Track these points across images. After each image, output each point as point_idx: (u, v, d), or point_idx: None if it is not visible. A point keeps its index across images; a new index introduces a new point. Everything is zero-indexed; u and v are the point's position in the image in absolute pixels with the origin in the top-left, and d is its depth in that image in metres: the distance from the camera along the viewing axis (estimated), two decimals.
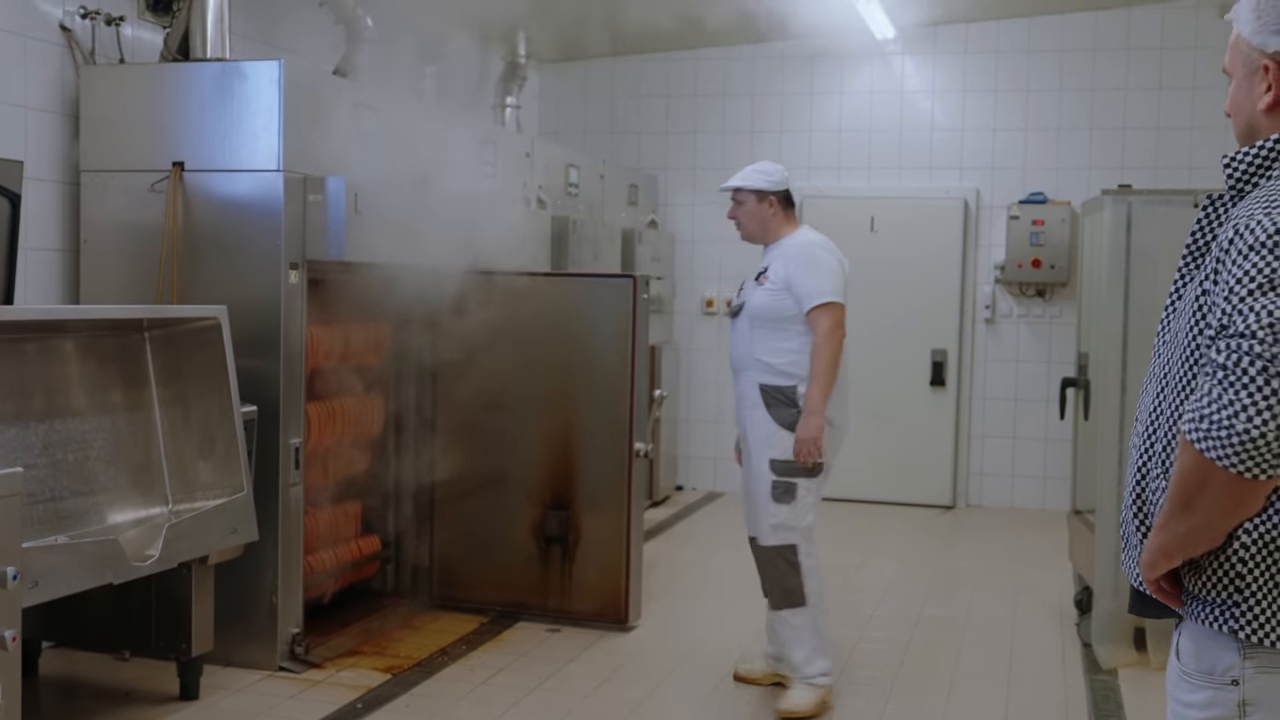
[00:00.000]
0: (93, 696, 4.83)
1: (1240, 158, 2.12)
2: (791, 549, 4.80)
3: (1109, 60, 8.98)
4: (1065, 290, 9.00)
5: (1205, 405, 1.91)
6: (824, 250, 4.87)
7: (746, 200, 5.01)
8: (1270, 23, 2.09)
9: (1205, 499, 1.96)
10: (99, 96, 5.28)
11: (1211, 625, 2.06)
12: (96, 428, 4.51)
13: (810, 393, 4.72)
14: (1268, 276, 1.90)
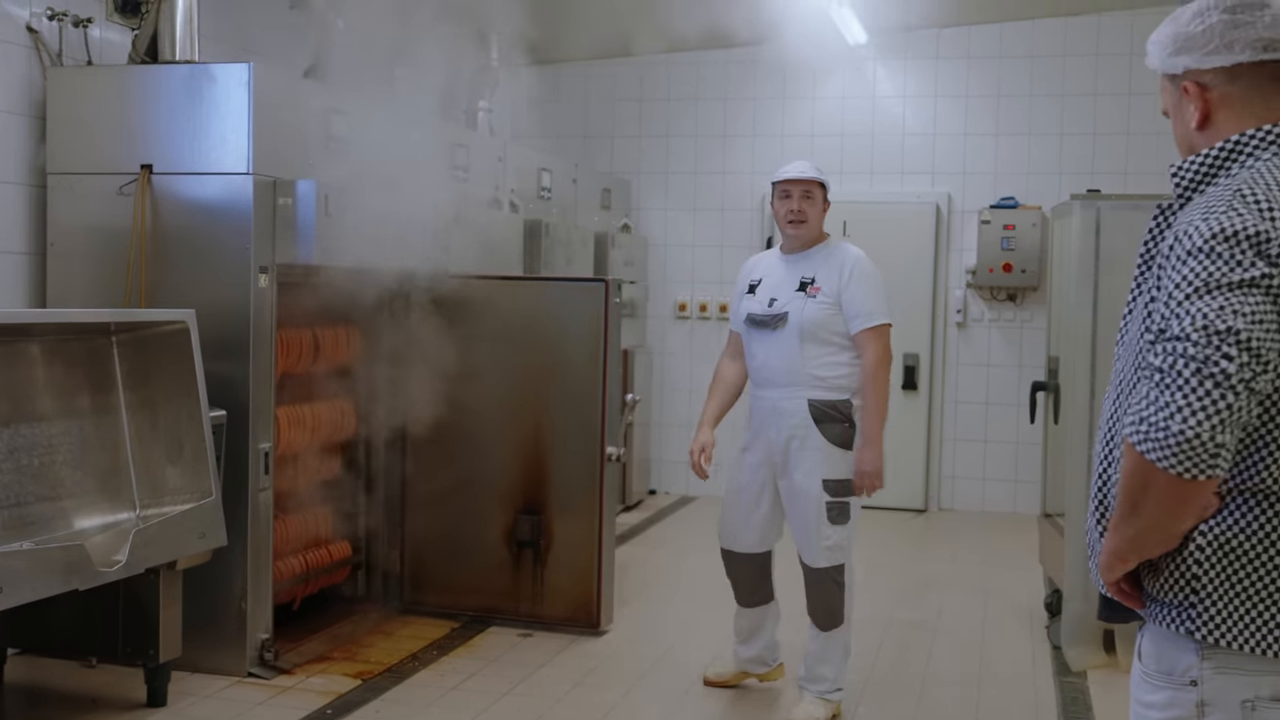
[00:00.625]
0: (59, 704, 4.78)
1: (1186, 166, 2.19)
2: (840, 569, 4.71)
3: (1079, 66, 9.04)
4: (1036, 294, 9.05)
5: (1144, 408, 1.94)
6: (872, 266, 4.73)
7: (817, 195, 4.84)
8: (1169, 46, 2.20)
9: (1150, 501, 1.99)
10: (66, 98, 5.24)
11: (1170, 626, 2.09)
12: (63, 432, 4.47)
13: (868, 423, 4.60)
14: (1204, 280, 1.94)
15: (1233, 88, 2.15)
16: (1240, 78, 2.15)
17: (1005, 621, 6.31)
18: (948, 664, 5.63)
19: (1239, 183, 2.05)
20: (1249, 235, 1.95)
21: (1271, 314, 1.92)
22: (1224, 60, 2.14)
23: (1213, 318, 1.91)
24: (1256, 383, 1.91)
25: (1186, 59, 2.18)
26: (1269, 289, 1.93)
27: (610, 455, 5.81)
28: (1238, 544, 2.03)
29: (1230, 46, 2.13)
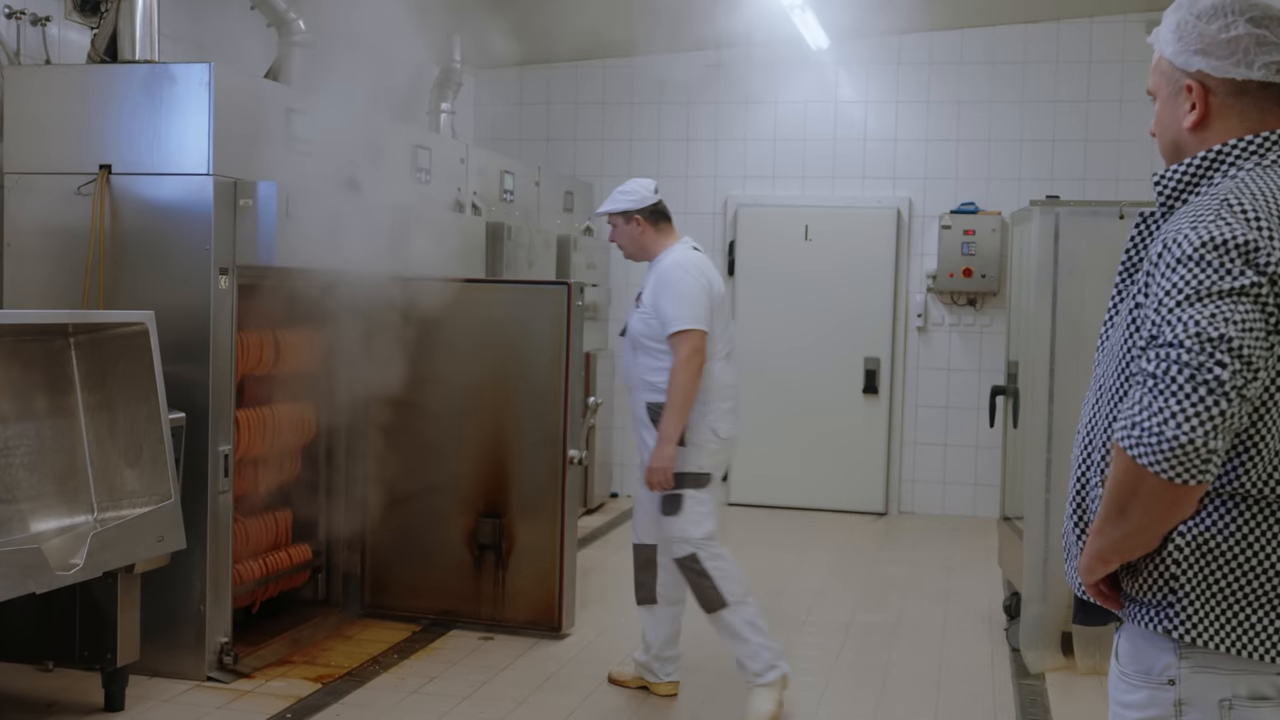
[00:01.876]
0: (15, 708, 4.73)
1: (1170, 175, 2.19)
2: (693, 558, 4.83)
3: (1039, 73, 9.13)
4: (996, 299, 9.12)
5: (1137, 413, 1.96)
6: (687, 272, 4.84)
7: (616, 223, 5.08)
8: (1191, 43, 2.17)
9: (1138, 504, 2.01)
10: (24, 97, 5.19)
11: (1148, 626, 2.12)
12: (20, 434, 4.42)
13: (664, 422, 4.75)
14: (1195, 288, 1.96)
15: (1236, 100, 2.16)
16: (1247, 93, 2.16)
17: (964, 624, 6.36)
18: (907, 666, 5.67)
19: (1224, 192, 2.07)
20: (1238, 244, 1.97)
21: (1260, 322, 1.95)
22: (1240, 74, 2.14)
23: (1205, 325, 1.94)
24: (1248, 390, 1.94)
25: (1202, 61, 2.16)
26: (1258, 298, 1.95)
27: (572, 458, 5.81)
28: (1216, 545, 2.06)
29: (1251, 64, 2.14)
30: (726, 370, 4.89)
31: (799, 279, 9.37)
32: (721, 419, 4.86)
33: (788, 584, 7.16)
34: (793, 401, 9.38)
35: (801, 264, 9.38)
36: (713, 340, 4.82)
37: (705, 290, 4.81)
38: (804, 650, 5.86)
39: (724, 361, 4.88)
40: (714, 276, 4.94)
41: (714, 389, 4.82)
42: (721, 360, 4.87)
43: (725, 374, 4.88)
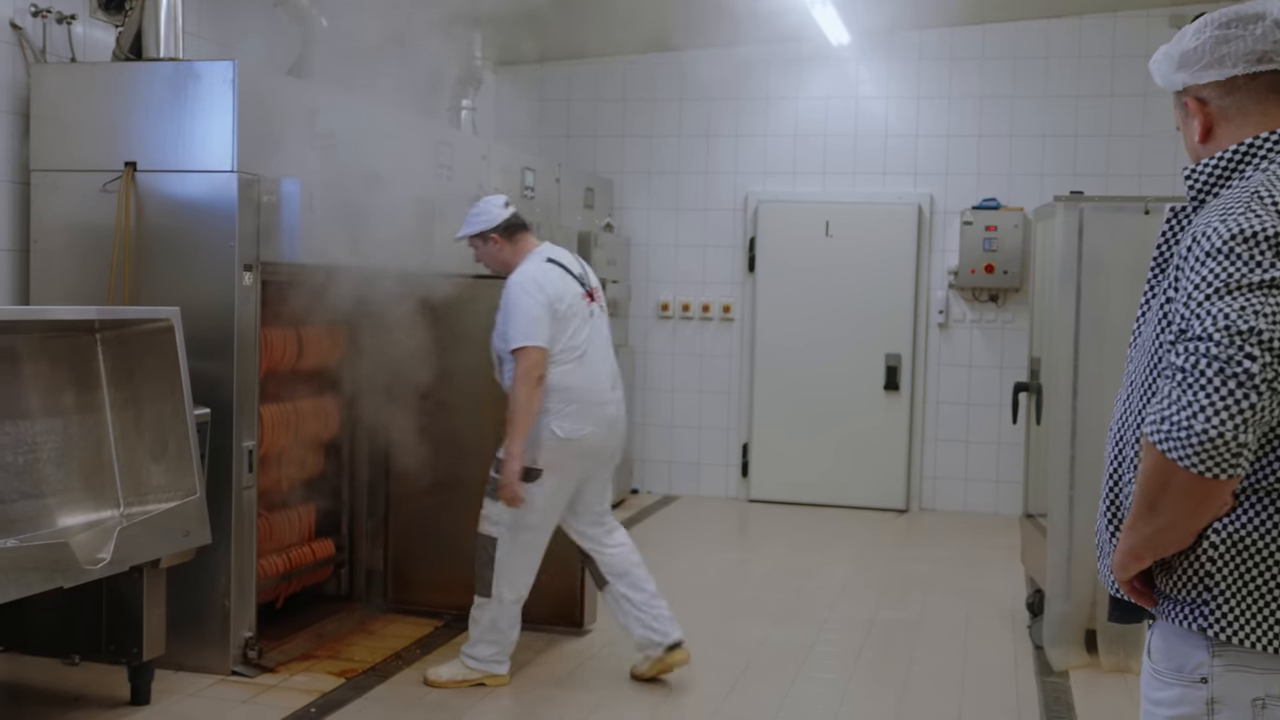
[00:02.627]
0: (42, 702, 4.77)
1: (1200, 169, 2.20)
2: (492, 541, 5.03)
3: (1061, 68, 9.09)
4: (1018, 295, 9.09)
5: (1166, 407, 1.96)
6: (524, 290, 4.95)
7: (476, 245, 5.21)
8: (1172, 64, 2.24)
9: (1169, 500, 2.00)
10: (50, 95, 5.22)
11: (1181, 624, 2.11)
12: (47, 430, 4.45)
13: (507, 439, 4.91)
14: (1224, 281, 1.96)
15: (1229, 101, 2.19)
16: (1237, 90, 2.18)
17: (987, 622, 6.35)
18: (930, 664, 5.66)
19: (1255, 185, 2.07)
20: (1268, 236, 1.98)
21: None
22: (1218, 75, 2.18)
23: (1235, 318, 1.93)
24: (1278, 383, 1.93)
25: (1184, 75, 2.23)
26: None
27: None
28: (1251, 542, 2.05)
29: (1222, 61, 2.17)
30: (577, 373, 4.99)
31: (820, 275, 9.35)
32: (563, 420, 4.96)
33: (809, 581, 7.16)
34: (814, 398, 9.37)
35: (822, 260, 9.36)
36: (564, 345, 4.96)
37: (544, 305, 4.92)
38: (826, 647, 5.86)
39: (577, 364, 4.99)
40: (562, 286, 5.03)
41: (555, 391, 4.95)
42: (574, 363, 4.99)
43: (573, 376, 4.98)
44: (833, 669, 5.55)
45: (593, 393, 5.04)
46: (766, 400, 9.51)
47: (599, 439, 5.08)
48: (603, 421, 5.07)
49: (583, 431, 5.01)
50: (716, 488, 9.72)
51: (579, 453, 5.04)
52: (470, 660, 5.12)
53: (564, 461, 5.01)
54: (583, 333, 5.05)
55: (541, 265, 5.06)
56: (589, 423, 5.02)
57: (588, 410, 5.02)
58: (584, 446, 5.04)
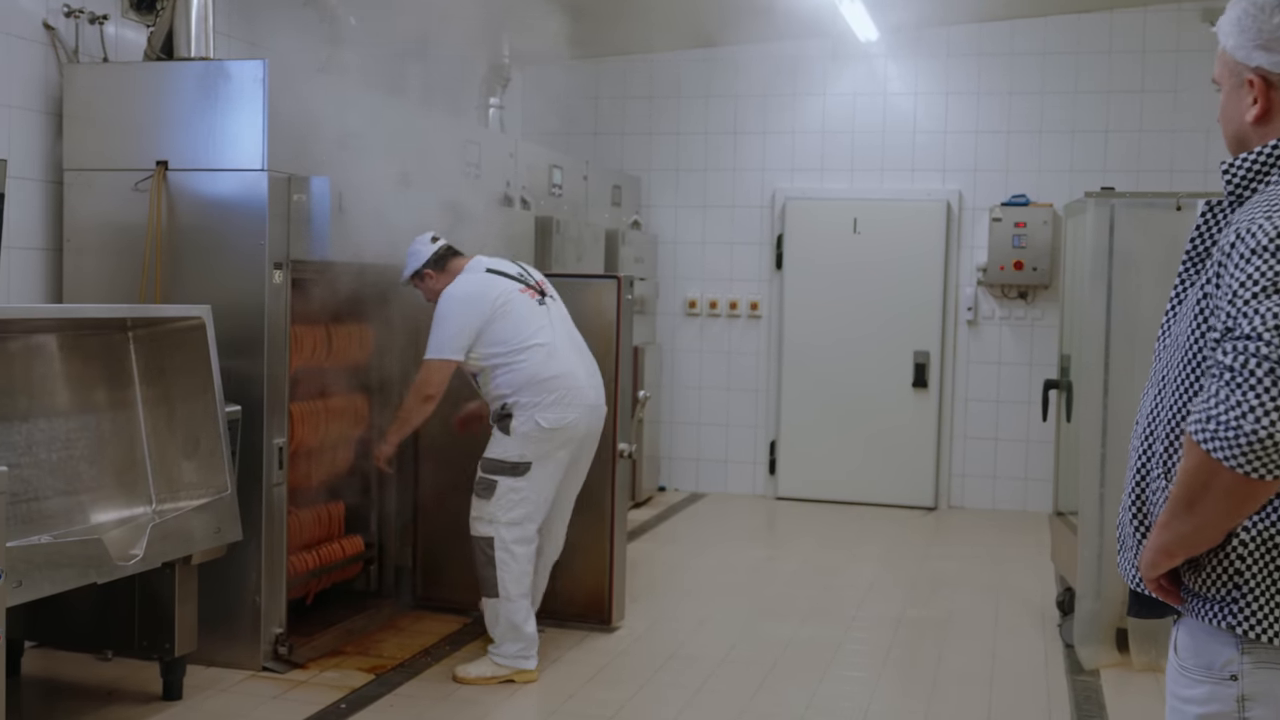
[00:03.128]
0: (76, 696, 4.81)
1: (1239, 164, 2.16)
2: (488, 541, 5.12)
3: (1091, 63, 9.03)
4: (1047, 292, 9.04)
5: (1212, 406, 1.93)
6: (450, 302, 5.14)
7: (416, 285, 5.36)
8: (1252, 38, 2.14)
9: (1210, 499, 1.98)
10: (82, 95, 5.26)
11: (1210, 622, 2.10)
12: (80, 427, 4.49)
13: (388, 432, 5.42)
14: (1271, 280, 1.94)
15: None
16: None
17: (1017, 620, 6.32)
18: (959, 663, 5.64)
19: None
20: None
21: None
22: None
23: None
24: None
25: (1263, 57, 2.14)
26: None
27: (621, 451, 5.82)
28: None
29: None
30: (550, 364, 5.12)
31: (847, 272, 9.33)
32: (546, 410, 5.09)
33: (837, 579, 7.15)
34: (841, 396, 9.35)
35: (850, 257, 9.34)
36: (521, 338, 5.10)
37: (467, 319, 5.10)
38: (854, 645, 5.85)
39: (547, 356, 5.12)
40: (497, 287, 5.18)
41: (532, 384, 5.09)
42: (544, 355, 5.11)
43: (547, 368, 5.11)
44: (861, 667, 5.54)
45: (570, 379, 5.17)
46: (794, 398, 9.50)
47: (584, 426, 5.22)
48: (584, 408, 5.21)
49: (567, 419, 5.13)
50: (744, 485, 9.71)
51: (564, 441, 5.16)
52: (498, 658, 5.15)
53: (551, 451, 5.14)
54: (535, 323, 5.17)
55: (466, 277, 5.23)
56: (572, 410, 5.15)
57: (569, 397, 5.14)
58: (569, 434, 5.17)
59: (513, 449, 5.09)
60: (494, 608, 5.15)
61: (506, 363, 5.11)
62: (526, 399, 5.09)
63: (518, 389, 5.10)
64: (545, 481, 5.16)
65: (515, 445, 5.09)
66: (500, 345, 5.12)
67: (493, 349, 5.13)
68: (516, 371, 5.10)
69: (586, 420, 5.24)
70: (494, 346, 5.12)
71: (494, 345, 5.12)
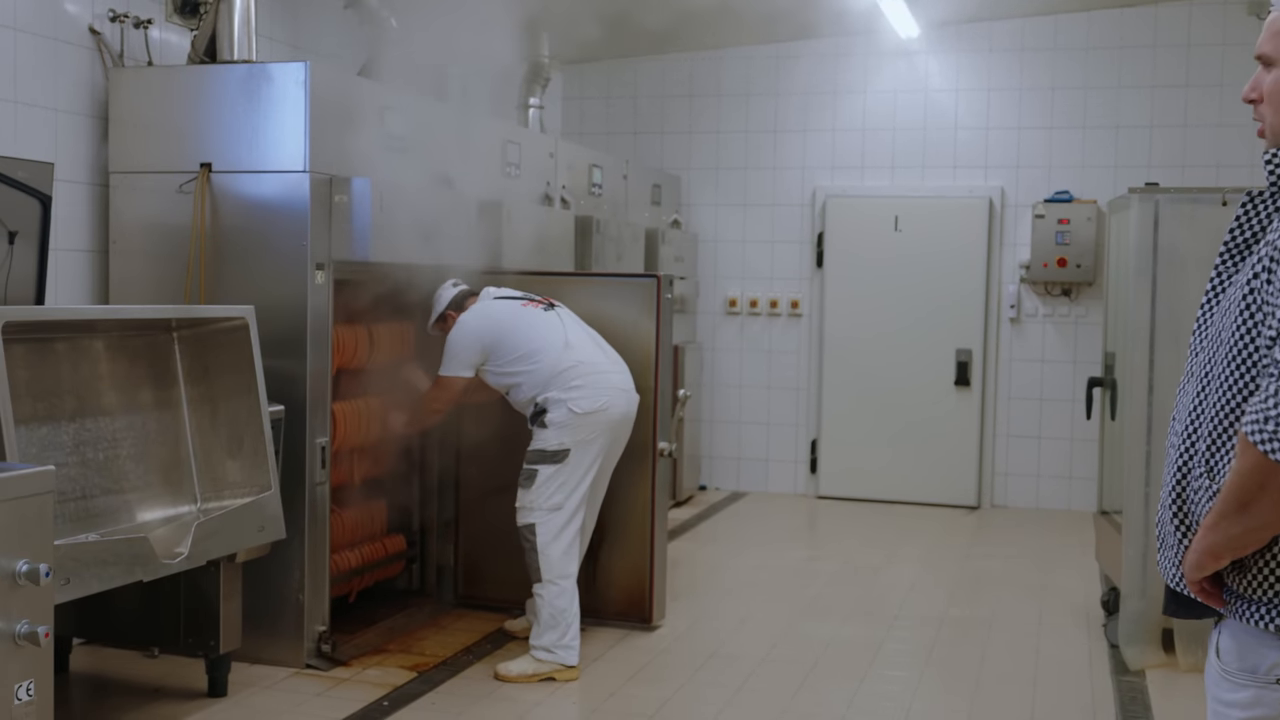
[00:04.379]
0: (123, 693, 4.87)
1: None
2: (530, 528, 5.25)
3: (1135, 57, 8.94)
4: (1091, 289, 8.97)
5: (1271, 407, 1.89)
6: (459, 330, 5.41)
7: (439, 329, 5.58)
8: None
9: (1266, 500, 1.94)
10: (127, 99, 5.32)
11: (1257, 624, 2.06)
12: (126, 426, 4.54)
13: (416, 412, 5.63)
14: None
15: None
16: None
17: (1060, 620, 6.27)
18: (1003, 662, 5.60)
19: None
20: None
21: None
22: None
23: None
24: None
25: None
26: None
27: (662, 450, 5.82)
28: None
29: None
30: (568, 356, 5.30)
31: (889, 270, 9.29)
32: (578, 397, 5.24)
33: (879, 578, 7.12)
34: (883, 394, 9.31)
35: (891, 255, 9.30)
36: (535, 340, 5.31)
37: (473, 340, 5.36)
38: (896, 644, 5.82)
39: (564, 349, 5.30)
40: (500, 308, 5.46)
41: (555, 378, 5.26)
42: (559, 350, 5.29)
43: (564, 359, 5.29)
44: (903, 667, 5.51)
45: (591, 365, 5.34)
46: (835, 396, 9.47)
47: (616, 410, 5.35)
48: (613, 391, 5.36)
49: (599, 402, 5.28)
50: (785, 484, 9.69)
51: (600, 425, 5.29)
52: (540, 653, 5.18)
53: (588, 436, 5.27)
54: (544, 326, 5.38)
55: (483, 304, 5.49)
56: (602, 393, 5.30)
57: (594, 381, 5.30)
58: (604, 419, 5.30)
59: (552, 439, 5.24)
60: (539, 594, 5.25)
61: (525, 369, 5.31)
62: (554, 393, 5.25)
63: (542, 386, 5.28)
64: (582, 467, 5.28)
65: (554, 435, 5.24)
66: (512, 353, 5.32)
67: (508, 364, 5.34)
68: (536, 373, 5.29)
69: (618, 404, 5.36)
70: (508, 358, 5.33)
71: (508, 356, 5.33)
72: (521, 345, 5.33)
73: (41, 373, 4.25)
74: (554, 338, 5.35)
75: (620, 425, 5.41)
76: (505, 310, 5.48)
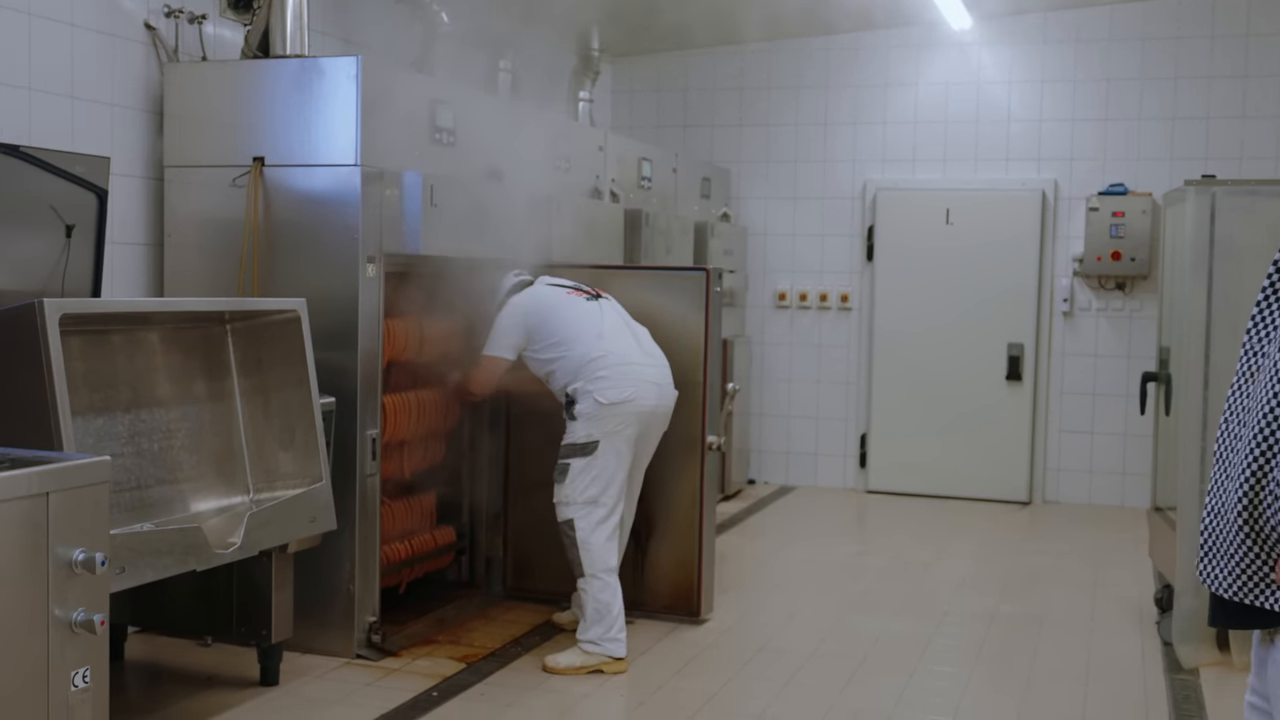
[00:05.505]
0: (177, 681, 4.93)
1: None
2: (569, 524, 5.27)
3: (1192, 48, 8.82)
4: (1146, 283, 8.86)
5: None
6: (506, 311, 5.46)
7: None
8: None
9: None
10: (182, 93, 5.38)
11: None
12: (180, 417, 4.59)
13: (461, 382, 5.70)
14: None
15: None
16: None
17: (1113, 616, 6.20)
18: (1054, 659, 5.55)
19: None
20: None
21: None
22: None
23: None
24: None
25: None
26: None
27: (711, 444, 5.81)
28: None
29: None
30: (599, 345, 5.30)
31: (940, 263, 9.22)
32: (604, 388, 5.24)
33: (929, 573, 7.07)
34: (933, 389, 9.25)
35: (943, 248, 9.23)
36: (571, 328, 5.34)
37: (518, 320, 5.42)
38: (946, 640, 5.78)
39: (596, 339, 5.32)
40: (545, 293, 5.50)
41: (584, 367, 5.29)
42: (593, 339, 5.31)
43: (597, 349, 5.30)
44: (953, 662, 5.48)
45: (619, 356, 5.32)
46: (885, 390, 9.41)
47: (646, 402, 5.32)
48: (642, 384, 5.32)
49: (625, 393, 5.26)
50: (834, 478, 9.65)
51: (628, 416, 5.27)
52: (587, 645, 5.20)
53: (616, 428, 5.26)
54: (583, 315, 5.39)
55: (524, 291, 5.53)
56: (629, 385, 5.27)
57: (623, 373, 5.28)
58: (632, 409, 5.28)
59: (580, 431, 5.26)
60: (583, 588, 5.27)
61: (560, 356, 5.33)
62: (581, 383, 5.27)
63: (573, 375, 5.30)
64: (613, 459, 5.27)
65: (582, 427, 5.25)
66: (549, 338, 5.35)
67: (545, 350, 5.37)
68: (569, 360, 5.31)
69: (647, 397, 5.33)
70: (545, 343, 5.36)
71: (545, 341, 5.36)
72: (558, 331, 5.36)
73: (98, 364, 4.31)
74: (588, 327, 5.36)
75: (651, 418, 5.39)
76: (550, 295, 5.50)
